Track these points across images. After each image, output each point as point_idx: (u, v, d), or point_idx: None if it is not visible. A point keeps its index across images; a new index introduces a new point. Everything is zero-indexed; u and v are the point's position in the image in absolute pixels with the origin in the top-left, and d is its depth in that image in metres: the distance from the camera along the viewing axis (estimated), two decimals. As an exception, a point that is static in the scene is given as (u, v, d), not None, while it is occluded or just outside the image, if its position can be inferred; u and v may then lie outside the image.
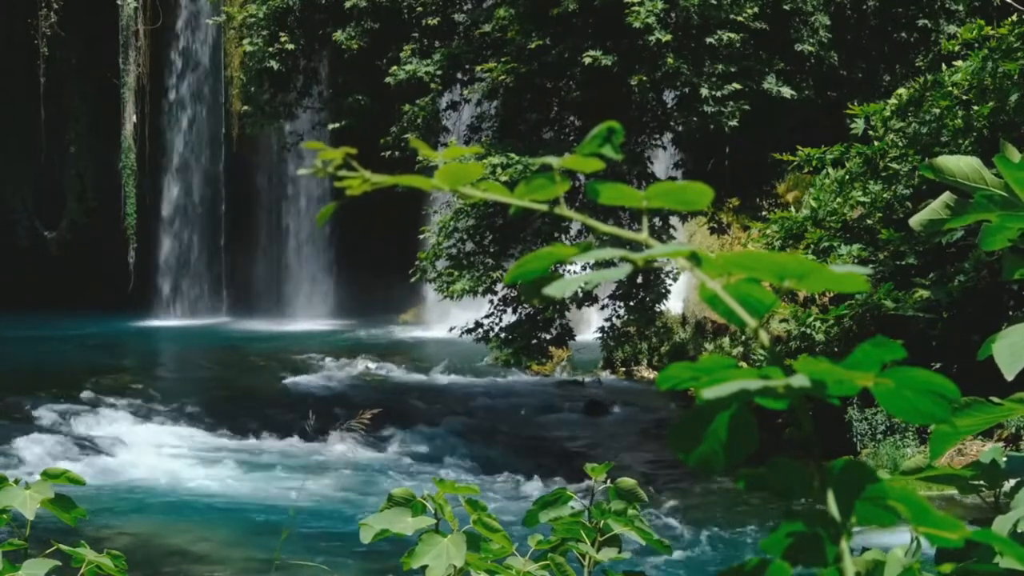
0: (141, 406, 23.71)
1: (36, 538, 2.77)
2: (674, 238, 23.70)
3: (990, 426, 1.68)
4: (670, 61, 19.60)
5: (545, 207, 1.11)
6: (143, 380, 26.40)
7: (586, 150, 1.11)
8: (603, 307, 22.41)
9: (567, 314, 21.75)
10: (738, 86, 19.81)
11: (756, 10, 19.97)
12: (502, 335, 21.36)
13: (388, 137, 21.75)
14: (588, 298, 20.22)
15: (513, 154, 19.82)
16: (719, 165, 23.94)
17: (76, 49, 39.69)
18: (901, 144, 17.34)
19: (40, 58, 39.45)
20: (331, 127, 23.78)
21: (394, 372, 28.51)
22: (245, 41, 24.06)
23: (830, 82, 21.62)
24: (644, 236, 1.06)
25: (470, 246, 21.10)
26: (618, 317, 22.30)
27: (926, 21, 21.39)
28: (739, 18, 19.85)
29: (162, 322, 39.11)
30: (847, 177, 17.57)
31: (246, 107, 25.81)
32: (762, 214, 21.55)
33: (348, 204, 1.21)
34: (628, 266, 1.03)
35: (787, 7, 20.42)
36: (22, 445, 20.30)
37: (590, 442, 22.12)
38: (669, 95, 21.38)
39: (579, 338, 23.68)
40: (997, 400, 1.67)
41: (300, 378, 27.20)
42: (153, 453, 20.67)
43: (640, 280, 21.32)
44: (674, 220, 22.46)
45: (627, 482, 2.76)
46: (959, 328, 16.59)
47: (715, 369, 1.00)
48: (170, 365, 32.16)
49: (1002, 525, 1.65)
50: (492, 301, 21.49)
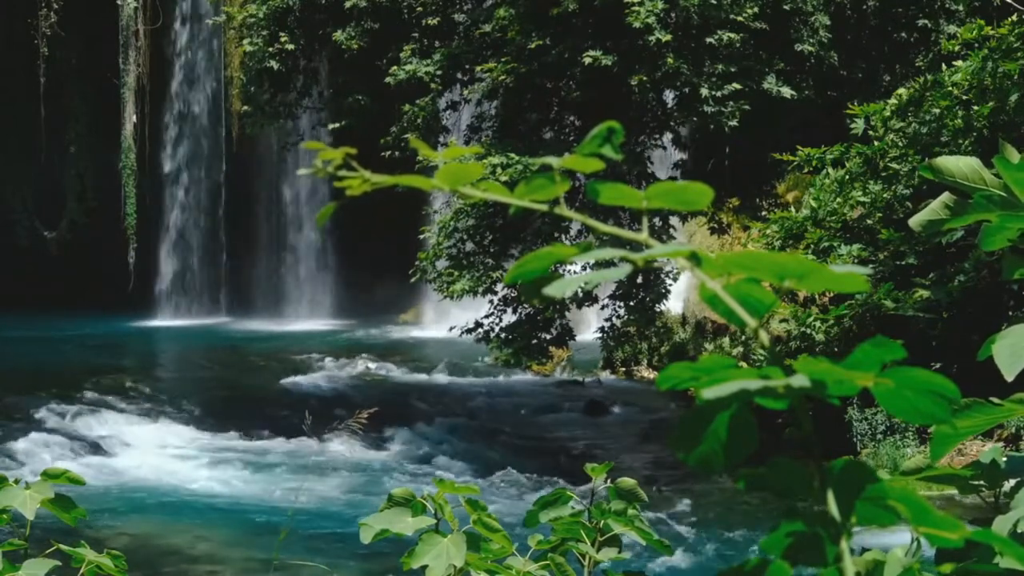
0: (141, 406, 23.72)
1: (36, 538, 2.76)
2: (674, 238, 23.70)
3: (990, 427, 1.68)
4: (670, 61, 19.60)
5: (545, 207, 1.11)
6: (143, 380, 26.39)
7: (586, 150, 1.11)
8: (603, 307, 22.40)
9: (567, 314, 21.74)
10: (738, 86, 19.81)
11: (756, 10, 19.97)
12: (502, 335, 21.36)
13: (388, 137, 21.75)
14: (588, 298, 20.21)
15: (513, 154, 19.82)
16: (719, 165, 23.95)
17: (76, 49, 39.68)
18: (901, 144, 17.33)
19: (40, 58, 39.45)
20: (331, 127, 23.78)
21: (394, 372, 28.51)
22: (245, 41, 24.06)
23: (830, 82, 21.62)
24: (644, 236, 1.06)
25: (470, 246, 21.10)
26: (618, 317, 22.30)
27: (926, 21, 21.40)
28: (739, 18, 19.85)
29: (162, 322, 39.11)
30: (847, 177, 17.56)
31: (246, 107, 25.81)
32: (762, 214, 21.56)
33: (348, 204, 1.21)
34: (628, 266, 1.03)
35: (787, 7, 20.42)
36: (22, 445, 20.31)
37: (590, 442, 22.12)
38: (669, 95, 21.38)
39: (579, 338, 23.67)
40: (997, 400, 1.67)
41: (300, 378, 27.19)
42: (153, 453, 20.68)
43: (640, 280, 21.32)
44: (674, 220, 22.47)
45: (627, 482, 2.76)
46: (959, 328, 16.59)
47: (715, 369, 1.00)
48: (170, 365, 32.15)
49: (1002, 525, 1.65)
50: (492, 301, 21.48)
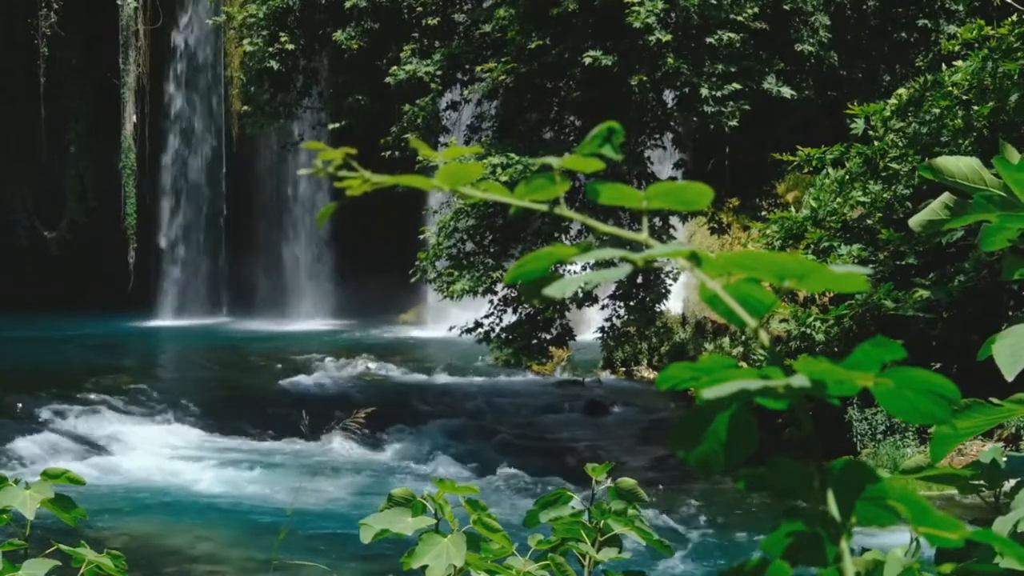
0: (141, 406, 23.71)
1: (36, 538, 2.76)
2: (674, 238, 23.69)
3: (991, 427, 1.68)
4: (670, 61, 19.60)
5: (545, 207, 1.11)
6: (143, 380, 26.39)
7: (586, 150, 1.11)
8: (603, 307, 22.40)
9: (567, 314, 21.74)
10: (738, 86, 19.80)
11: (756, 10, 19.97)
12: (502, 335, 21.36)
13: (388, 137, 21.75)
14: (588, 298, 20.21)
15: (513, 154, 19.81)
16: (719, 165, 23.96)
17: (76, 49, 39.69)
18: (901, 144, 17.33)
19: (40, 58, 39.46)
20: (331, 127, 23.77)
21: (394, 372, 28.50)
22: (245, 41, 24.06)
23: (830, 82, 21.62)
24: (644, 236, 1.06)
25: (470, 246, 21.10)
26: (618, 317, 22.30)
27: (926, 21, 21.40)
28: (739, 18, 19.85)
29: (162, 322, 39.11)
30: (847, 177, 17.56)
31: (246, 107, 25.82)
32: (762, 214, 21.56)
33: (348, 204, 1.21)
34: (628, 266, 1.03)
35: (787, 7, 20.42)
36: (22, 445, 20.30)
37: (590, 442, 22.11)
38: (669, 95, 21.37)
39: (579, 338, 23.67)
40: (997, 401, 1.67)
41: (300, 378, 27.19)
42: (153, 453, 20.67)
43: (640, 280, 21.32)
44: (674, 220, 22.46)
45: (627, 482, 2.76)
46: (959, 328, 16.59)
47: (715, 369, 1.00)
48: (170, 365, 32.15)
49: (1002, 525, 1.65)
50: (492, 301, 21.48)
